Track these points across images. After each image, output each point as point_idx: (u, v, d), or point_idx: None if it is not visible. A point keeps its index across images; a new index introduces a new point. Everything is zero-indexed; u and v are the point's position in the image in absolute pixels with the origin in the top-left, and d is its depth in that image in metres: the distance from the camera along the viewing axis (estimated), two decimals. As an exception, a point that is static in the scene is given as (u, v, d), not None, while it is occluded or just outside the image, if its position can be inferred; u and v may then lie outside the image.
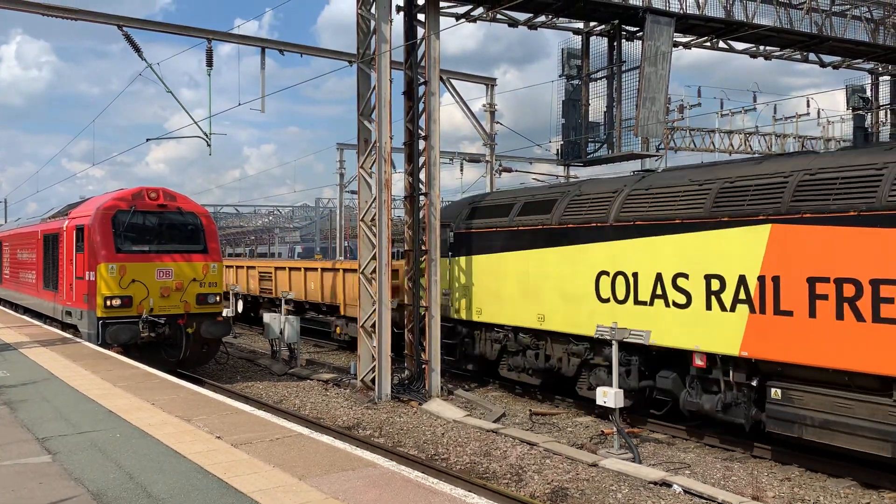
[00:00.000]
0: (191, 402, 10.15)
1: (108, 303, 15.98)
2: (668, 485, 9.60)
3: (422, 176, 15.90)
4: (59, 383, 11.36)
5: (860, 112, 25.60)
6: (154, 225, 17.01)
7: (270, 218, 78.43)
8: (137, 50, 17.42)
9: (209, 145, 18.37)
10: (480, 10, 16.71)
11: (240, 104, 18.41)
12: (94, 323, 16.12)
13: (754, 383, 10.78)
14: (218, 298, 17.38)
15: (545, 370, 14.53)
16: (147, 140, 23.73)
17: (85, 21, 16.85)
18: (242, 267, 27.85)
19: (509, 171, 38.08)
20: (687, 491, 9.38)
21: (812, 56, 21.82)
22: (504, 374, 15.77)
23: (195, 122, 18.30)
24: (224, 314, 18.09)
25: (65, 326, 18.67)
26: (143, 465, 7.00)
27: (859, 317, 9.34)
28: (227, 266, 27.74)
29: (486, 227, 15.76)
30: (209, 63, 17.98)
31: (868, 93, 25.50)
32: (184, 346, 16.59)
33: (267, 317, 20.13)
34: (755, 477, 10.25)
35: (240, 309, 26.31)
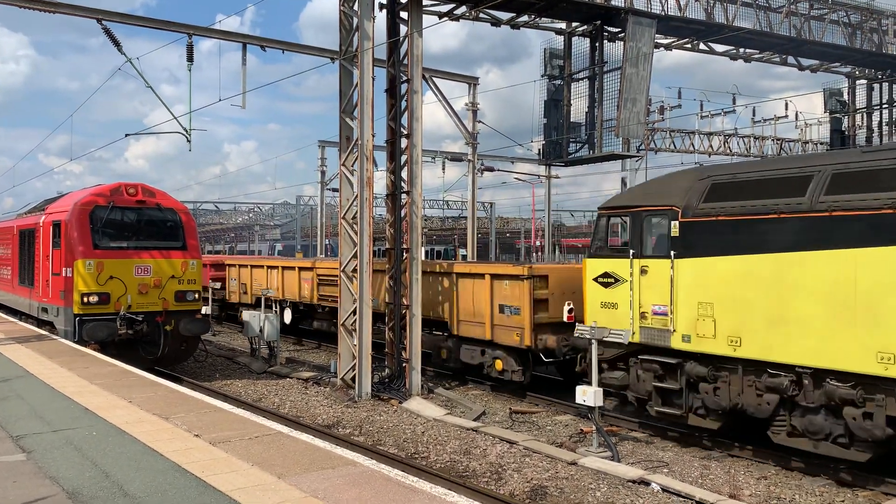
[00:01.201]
0: (169, 399, 10.06)
1: (86, 299, 15.80)
2: (647, 483, 9.67)
3: (404, 174, 15.89)
4: (34, 381, 11.21)
5: (837, 115, 25.94)
6: (132, 221, 16.84)
7: (251, 215, 77.95)
8: (117, 44, 17.23)
9: (189, 141, 18.22)
10: (463, 8, 16.71)
11: (220, 100, 18.26)
12: (70, 320, 15.93)
13: None
14: (197, 296, 17.24)
15: (884, 441, 9.35)
16: (126, 135, 23.52)
17: (64, 14, 16.64)
18: (292, 268, 22.77)
19: (491, 170, 38.22)
20: (665, 489, 9.45)
21: (791, 59, 22.10)
22: (781, 440, 10.44)
23: (175, 118, 18.14)
24: (203, 311, 17.94)
25: (41, 323, 18.43)
26: (119, 463, 6.93)
27: None
28: (269, 267, 23.87)
29: (751, 212, 10.54)
30: (190, 58, 17.83)
31: (845, 96, 25.86)
32: (162, 343, 16.45)
33: (246, 314, 20.01)
34: (732, 476, 10.35)
35: (287, 319, 22.67)
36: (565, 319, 14.15)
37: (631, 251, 12.10)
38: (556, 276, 14.77)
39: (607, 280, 12.56)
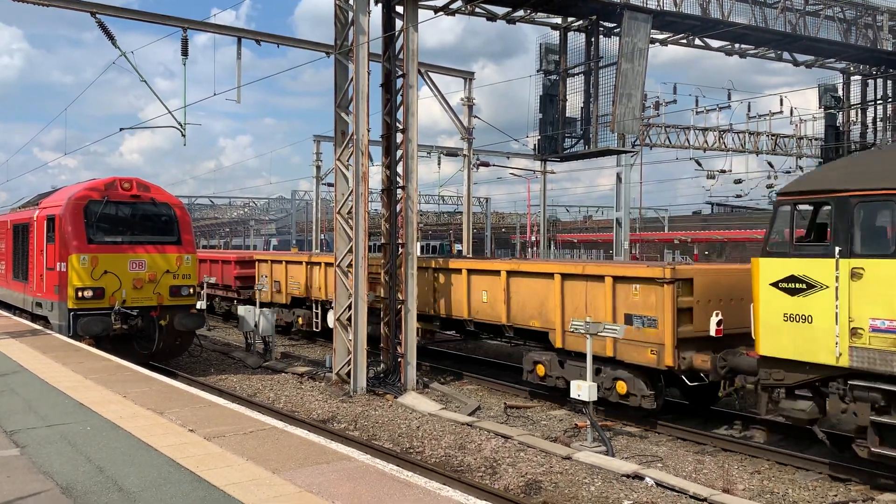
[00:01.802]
0: (163, 394, 10.06)
1: (80, 294, 15.76)
2: (641, 477, 9.70)
3: (399, 169, 15.87)
4: (28, 375, 11.19)
5: (832, 111, 25.98)
6: (127, 216, 16.80)
7: (246, 210, 77.86)
8: (111, 38, 17.14)
9: (184, 135, 18.14)
10: (459, 3, 16.68)
11: (215, 94, 18.19)
12: (65, 314, 15.89)
13: None
14: (192, 290, 17.22)
15: None
16: (121, 129, 23.34)
17: (57, 7, 16.54)
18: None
19: (487, 165, 38.21)
20: (659, 484, 9.49)
21: (786, 55, 22.12)
22: None
23: (170, 112, 18.06)
24: (198, 306, 17.91)
25: (35, 318, 18.38)
26: (114, 458, 6.93)
27: None
28: (310, 263, 20.49)
29: None
30: (184, 52, 17.74)
31: (840, 92, 25.88)
32: (157, 338, 16.41)
33: (241, 309, 19.99)
34: (726, 470, 10.40)
35: (332, 324, 17.18)
36: (713, 333, 11.54)
37: (836, 248, 9.25)
38: (702, 279, 12.13)
39: (796, 286, 9.68)
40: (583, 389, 11.54)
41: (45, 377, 11.03)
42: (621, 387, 12.60)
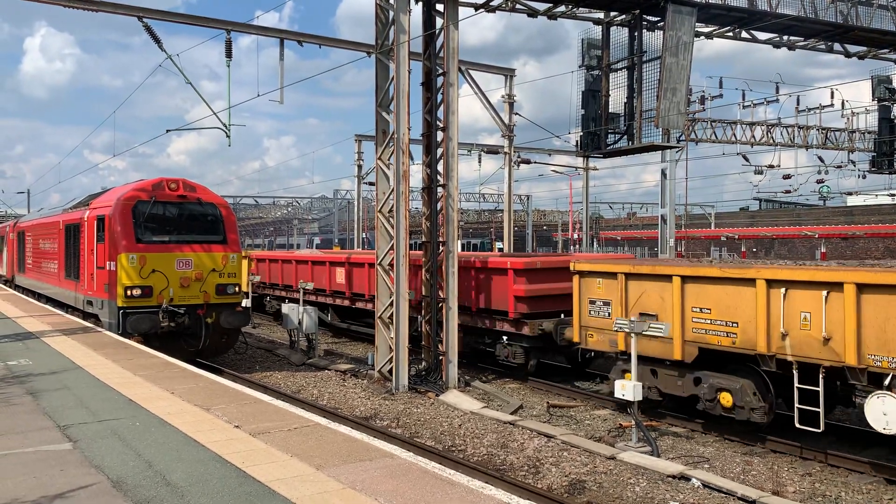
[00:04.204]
0: (210, 391, 10.22)
1: (129, 292, 16.12)
2: (687, 478, 9.53)
3: (440, 167, 15.87)
4: (80, 372, 11.48)
5: (886, 103, 25.19)
6: (174, 216, 17.13)
7: (289, 209, 78.84)
8: (157, 41, 17.49)
9: (228, 136, 18.43)
10: (499, -1, 16.58)
11: (259, 95, 18.44)
12: (114, 312, 16.27)
13: None
14: (237, 289, 17.48)
15: None
16: (167, 131, 23.68)
17: (106, 13, 16.94)
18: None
19: (528, 162, 38.00)
20: (706, 485, 9.31)
21: (836, 46, 21.48)
22: None
23: (214, 114, 18.37)
24: (243, 304, 18.18)
25: (86, 315, 18.87)
26: (162, 453, 7.06)
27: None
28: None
29: None
30: (228, 54, 18.02)
31: (894, 83, 25.08)
32: (203, 335, 16.71)
33: (286, 307, 20.23)
34: (775, 472, 10.15)
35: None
36: None
37: None
38: None
39: None
40: (627, 389, 11.39)
41: (95, 374, 11.30)
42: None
